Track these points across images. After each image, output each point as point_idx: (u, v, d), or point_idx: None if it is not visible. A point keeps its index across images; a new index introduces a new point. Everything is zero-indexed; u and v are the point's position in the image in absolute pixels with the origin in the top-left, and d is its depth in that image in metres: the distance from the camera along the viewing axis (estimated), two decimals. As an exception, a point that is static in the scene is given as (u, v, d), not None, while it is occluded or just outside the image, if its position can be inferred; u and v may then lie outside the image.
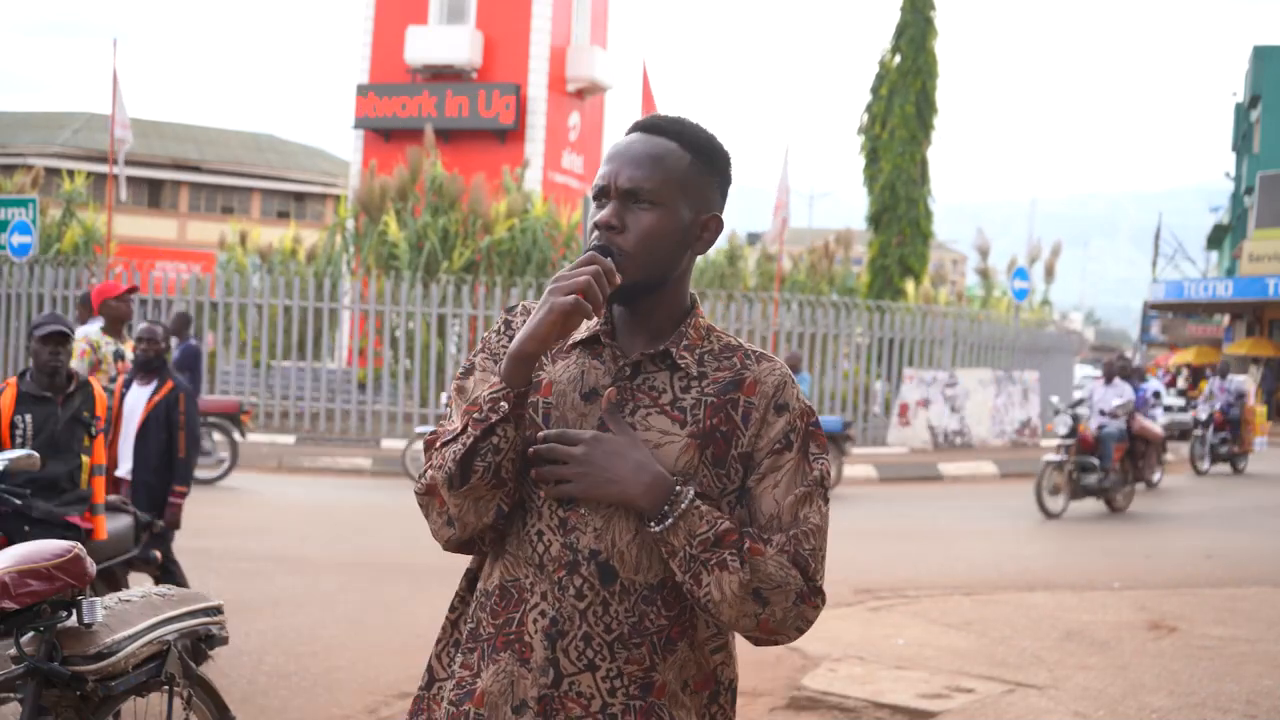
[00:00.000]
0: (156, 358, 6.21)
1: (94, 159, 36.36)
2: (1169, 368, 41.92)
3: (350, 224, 21.20)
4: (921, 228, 23.72)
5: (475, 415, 1.72)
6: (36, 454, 4.41)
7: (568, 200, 24.15)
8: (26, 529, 4.71)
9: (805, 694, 5.63)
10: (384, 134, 26.77)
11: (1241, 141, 46.51)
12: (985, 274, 28.28)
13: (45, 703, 3.07)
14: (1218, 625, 7.30)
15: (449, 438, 1.75)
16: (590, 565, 1.73)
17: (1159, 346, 51.75)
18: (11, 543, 3.87)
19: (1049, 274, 27.67)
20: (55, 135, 40.98)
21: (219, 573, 7.70)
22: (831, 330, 18.84)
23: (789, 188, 20.47)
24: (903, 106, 23.35)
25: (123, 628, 3.17)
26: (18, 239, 16.12)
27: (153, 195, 42.88)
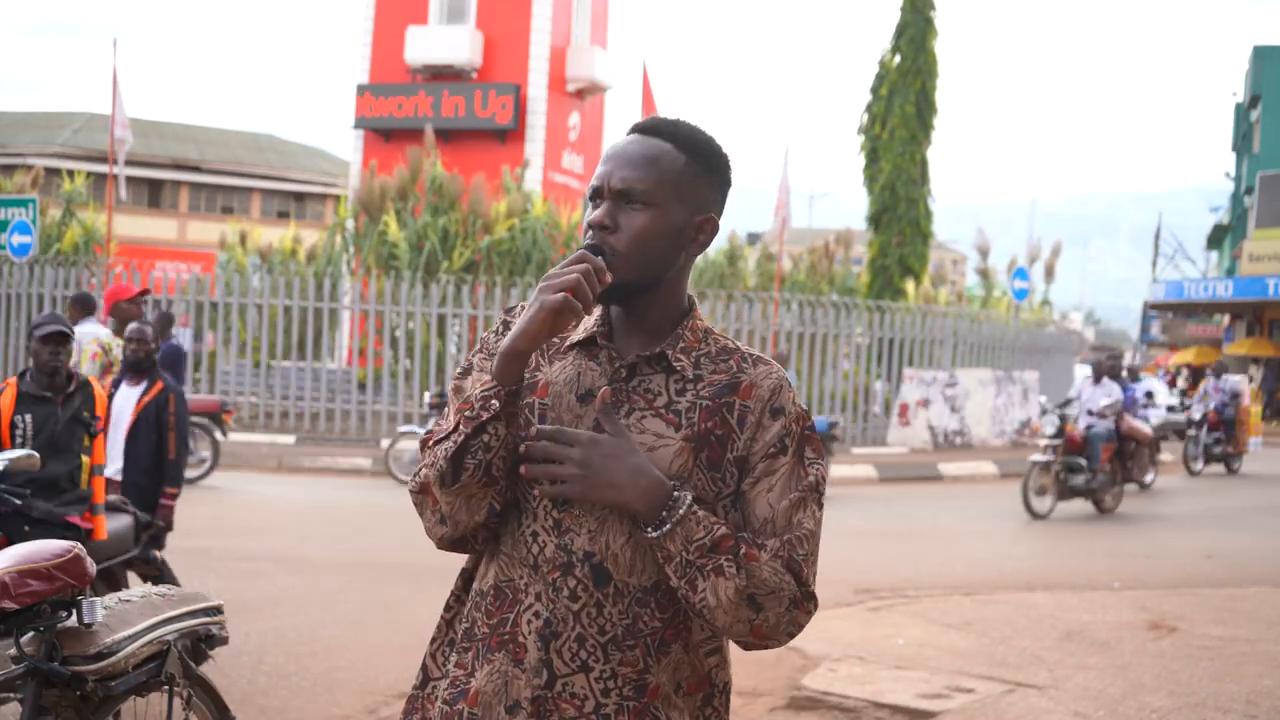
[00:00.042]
0: (146, 358, 6.21)
1: (94, 159, 36.37)
2: (1169, 368, 41.92)
3: (350, 224, 21.20)
4: (921, 228, 23.72)
5: (467, 413, 1.73)
6: (36, 454, 4.42)
7: (568, 200, 24.16)
8: (26, 529, 4.71)
9: (805, 694, 5.63)
10: (384, 134, 26.77)
11: (1241, 141, 46.52)
12: (985, 274, 28.29)
13: (45, 703, 3.07)
14: (1218, 625, 7.30)
15: (441, 435, 1.76)
16: (584, 567, 1.73)
17: (1159, 346, 51.75)
18: (11, 543, 3.87)
19: (1049, 274, 27.68)
20: (55, 135, 40.98)
21: (219, 573, 7.70)
22: (831, 330, 18.84)
23: (789, 188, 20.48)
24: (903, 106, 23.35)
25: (123, 628, 3.17)
26: (18, 239, 16.13)
27: (153, 195, 42.89)
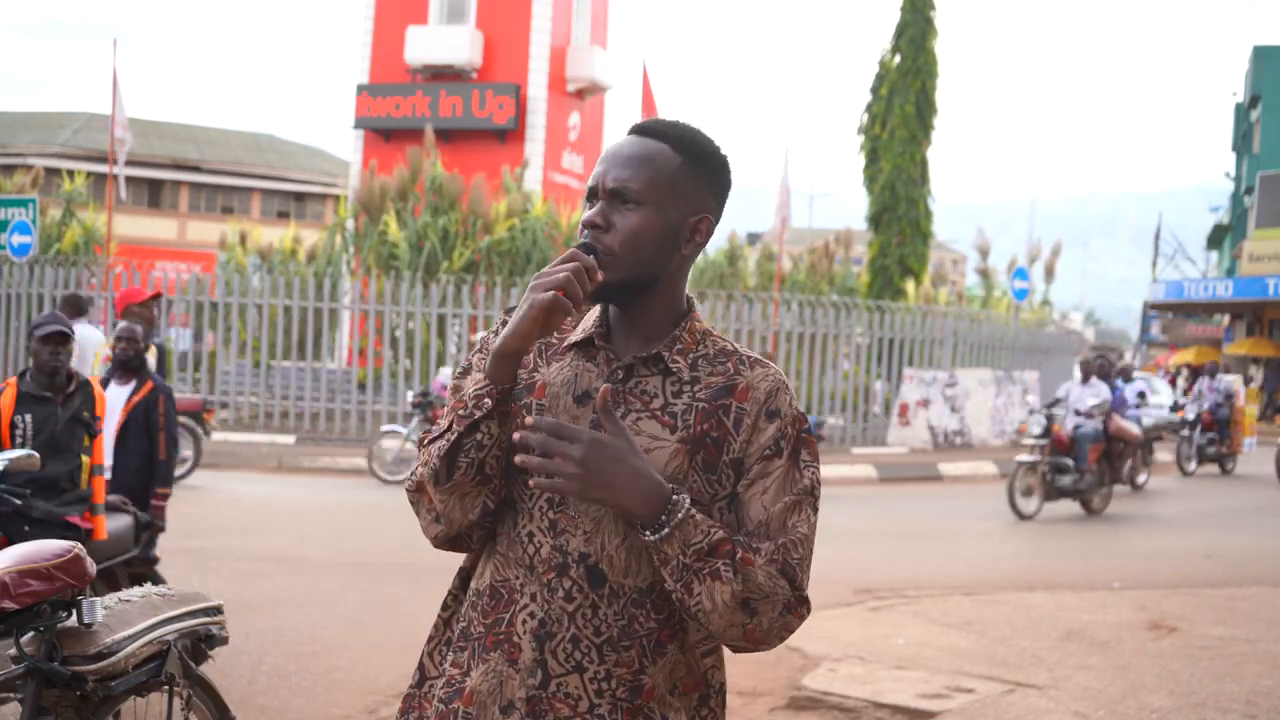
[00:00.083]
0: (136, 357, 6.20)
1: (94, 159, 36.37)
2: (1169, 368, 41.93)
3: (350, 224, 21.21)
4: (921, 228, 23.73)
5: (460, 412, 1.75)
6: (36, 454, 4.42)
7: (568, 200, 24.16)
8: (26, 529, 4.71)
9: (805, 694, 5.63)
10: (384, 134, 26.77)
11: (1241, 141, 46.52)
12: (985, 274, 28.28)
13: (45, 703, 3.07)
14: (1218, 625, 7.30)
15: (436, 435, 1.78)
16: (579, 568, 1.73)
17: (1159, 346, 51.77)
18: (11, 543, 3.87)
19: (1049, 274, 27.68)
20: (55, 135, 40.98)
21: (219, 573, 7.71)
22: (831, 330, 18.83)
23: (789, 188, 20.48)
24: (903, 106, 23.35)
25: (123, 628, 3.17)
26: (18, 239, 16.13)
27: (153, 195, 42.89)
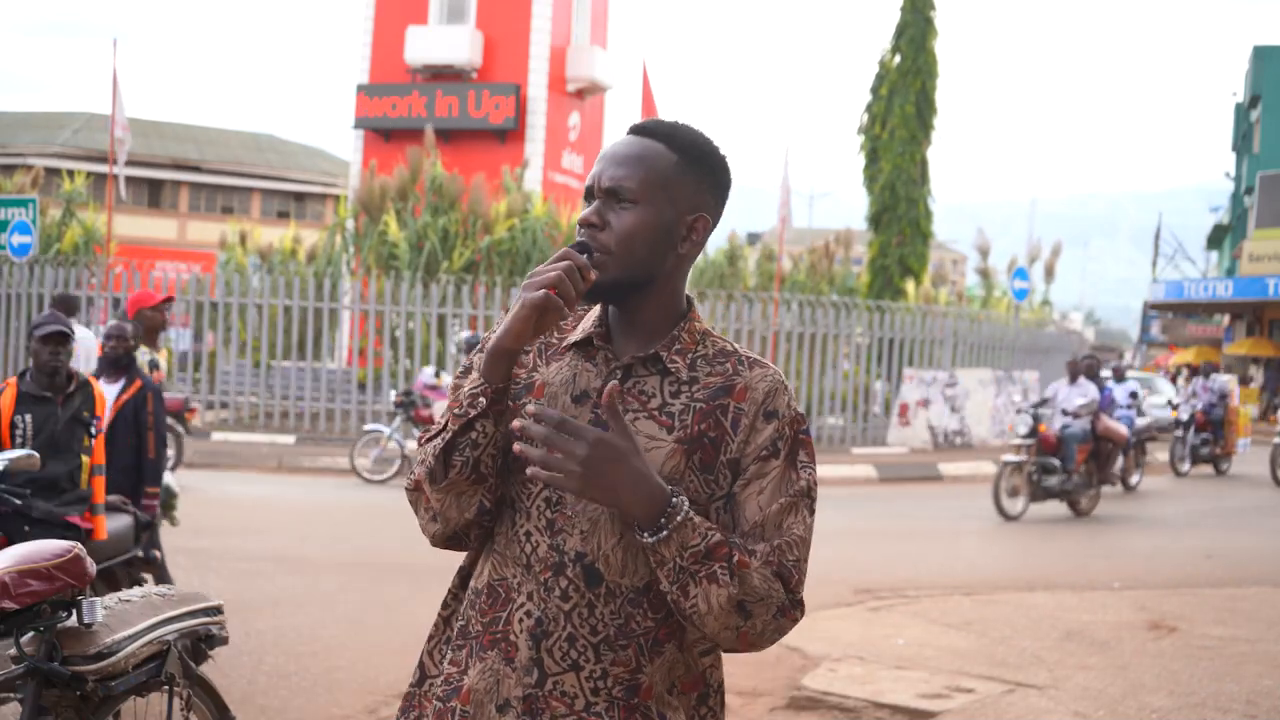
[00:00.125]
0: (125, 355, 6.20)
1: (94, 159, 36.36)
2: (1169, 368, 41.94)
3: (350, 224, 21.20)
4: (921, 228, 23.72)
5: (455, 411, 1.75)
6: (36, 454, 4.41)
7: (568, 200, 24.16)
8: (26, 529, 4.71)
9: (805, 694, 5.63)
10: (384, 134, 26.77)
11: (1241, 141, 46.53)
12: (985, 274, 28.27)
13: (45, 703, 3.07)
14: (1218, 625, 7.30)
15: (433, 434, 1.78)
16: (576, 567, 1.74)
17: (1159, 346, 51.78)
18: (11, 543, 3.87)
19: (1049, 274, 27.66)
20: (55, 135, 40.97)
21: (219, 573, 7.71)
22: (831, 330, 18.83)
23: (789, 188, 20.48)
24: (903, 106, 23.35)
25: (123, 628, 3.17)
26: (18, 239, 16.13)
27: (153, 195, 42.88)
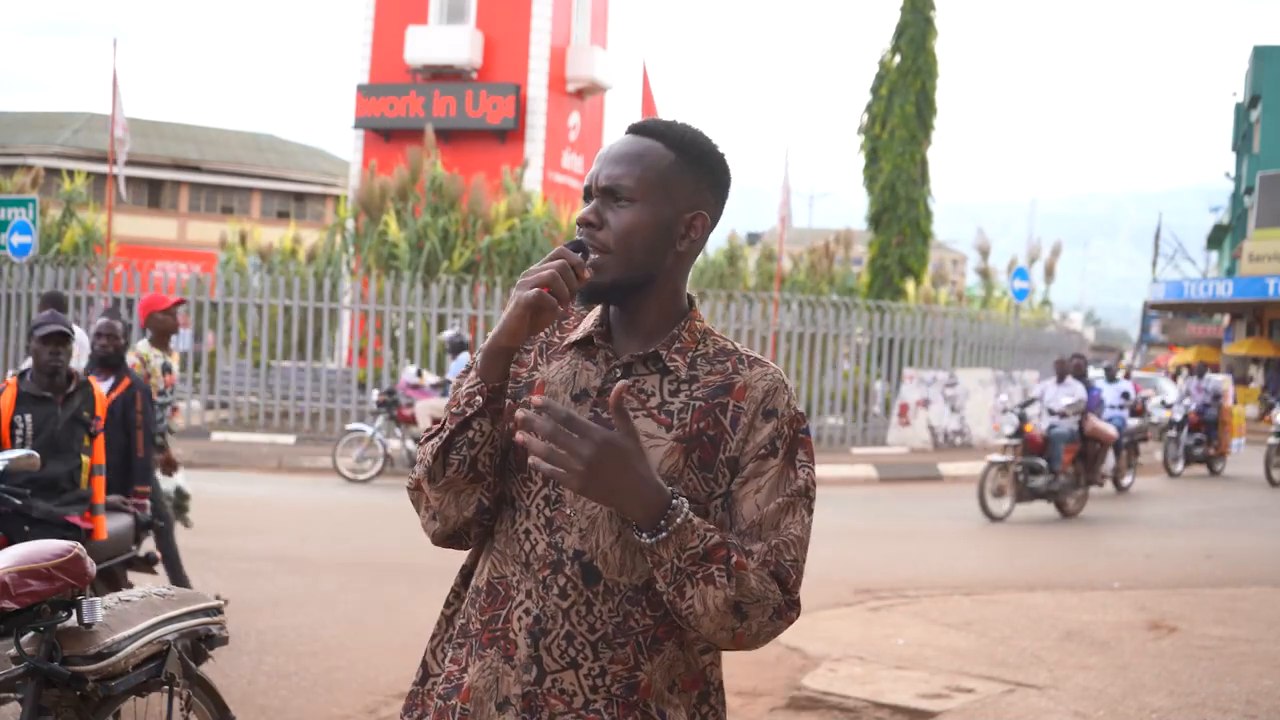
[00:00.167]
0: (115, 353, 6.19)
1: (94, 159, 36.36)
2: (1169, 368, 41.96)
3: (350, 224, 21.19)
4: (921, 228, 23.72)
5: (453, 410, 1.76)
6: (36, 454, 4.41)
7: (568, 200, 24.16)
8: (26, 529, 4.71)
9: (805, 694, 5.63)
10: (384, 134, 26.77)
11: (1241, 141, 46.53)
12: (985, 274, 28.27)
13: (45, 703, 3.07)
14: (1218, 625, 7.30)
15: (432, 432, 1.79)
16: (574, 565, 1.74)
17: (1159, 346, 51.78)
18: (11, 543, 3.87)
19: (1049, 274, 27.66)
20: (55, 135, 40.97)
21: (219, 573, 7.70)
22: (831, 330, 18.83)
23: (789, 188, 20.48)
24: (903, 106, 23.35)
25: (123, 628, 3.17)
26: (18, 239, 16.13)
27: (153, 195, 42.88)
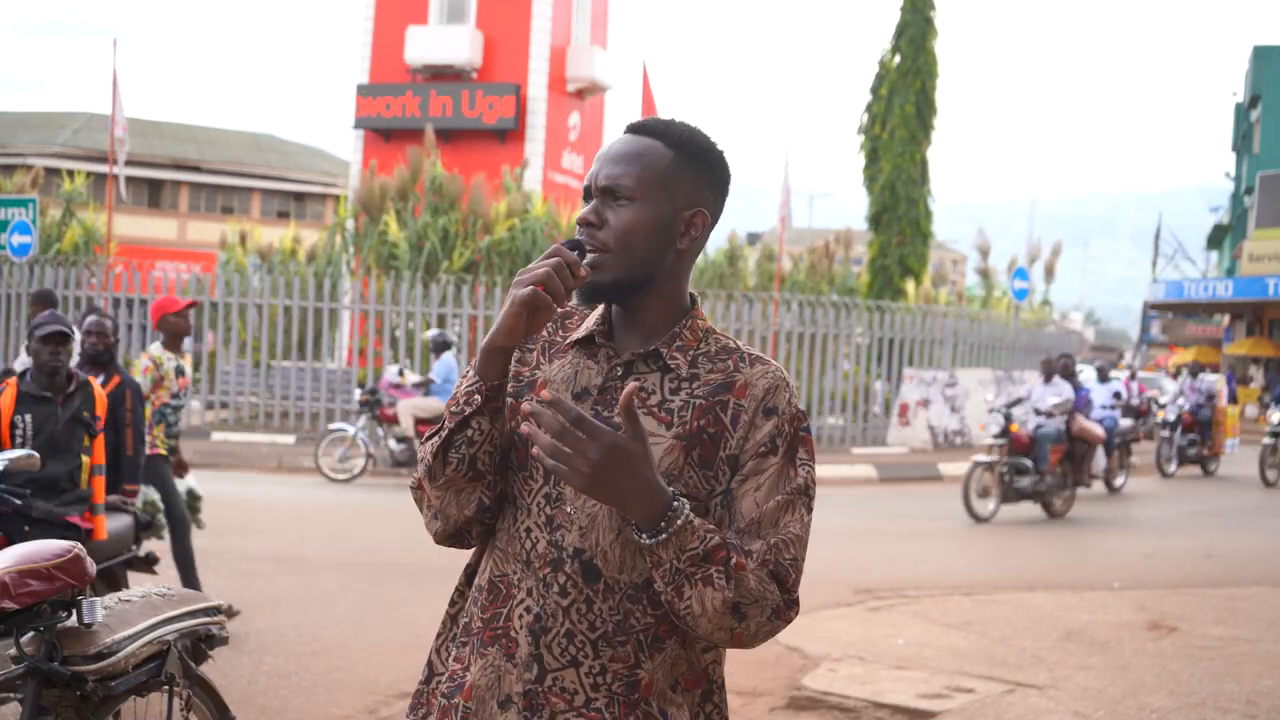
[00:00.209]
0: (105, 351, 6.18)
1: (94, 159, 36.36)
2: (1169, 368, 41.97)
3: (350, 224, 21.19)
4: (921, 228, 23.72)
5: (452, 408, 1.77)
6: (36, 454, 4.41)
7: (568, 200, 24.16)
8: (26, 529, 4.71)
9: (805, 694, 5.63)
10: (384, 134, 26.77)
11: (1241, 141, 46.53)
12: (985, 274, 28.27)
13: (45, 703, 3.06)
14: (1218, 625, 7.30)
15: (433, 432, 1.80)
16: (574, 563, 1.74)
17: (1159, 346, 51.79)
18: (11, 543, 3.87)
19: (1049, 274, 27.66)
20: (55, 135, 40.97)
21: (219, 573, 7.70)
22: (831, 330, 18.83)
23: (789, 188, 20.48)
24: (903, 106, 23.35)
25: (123, 628, 3.17)
26: (18, 239, 16.13)
27: (153, 195, 42.88)
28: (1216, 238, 53.04)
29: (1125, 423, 15.31)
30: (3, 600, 2.98)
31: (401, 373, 14.41)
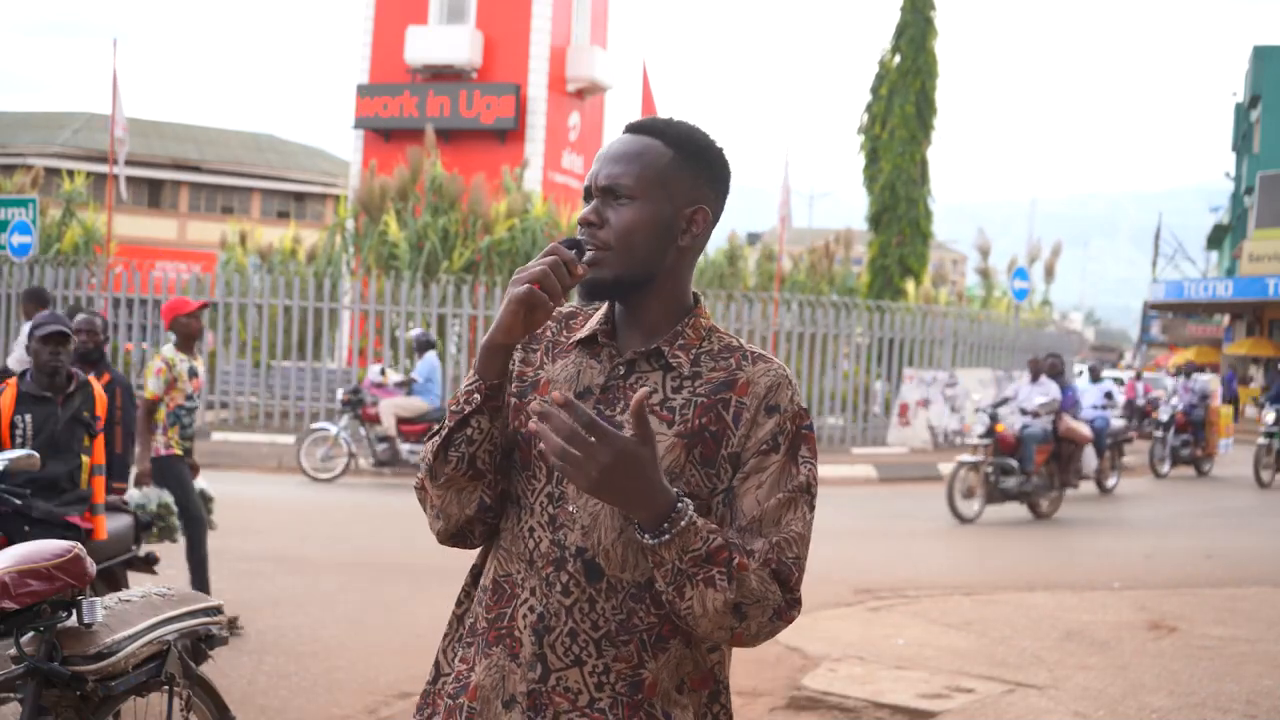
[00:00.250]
0: (95, 349, 6.18)
1: (94, 159, 36.36)
2: (1169, 368, 41.97)
3: (350, 224, 21.19)
4: (921, 228, 23.72)
5: (452, 408, 1.78)
6: (36, 454, 4.41)
7: (568, 200, 24.16)
8: (26, 529, 4.71)
9: (805, 694, 5.63)
10: (384, 134, 26.77)
11: (1241, 141, 46.53)
12: (985, 274, 28.26)
13: (45, 703, 3.06)
14: (1218, 625, 7.30)
15: (434, 431, 1.81)
16: (576, 562, 1.74)
17: (1159, 346, 51.80)
18: (11, 543, 3.87)
19: (1049, 274, 27.65)
20: (55, 135, 40.97)
21: (219, 573, 7.69)
22: (831, 330, 18.84)
23: (789, 188, 20.48)
24: (903, 106, 23.34)
25: (123, 628, 3.16)
26: (18, 239, 16.13)
27: (153, 195, 42.88)
28: (1216, 238, 53.04)
29: (1117, 423, 15.23)
30: (3, 600, 2.98)
31: (383, 372, 14.39)
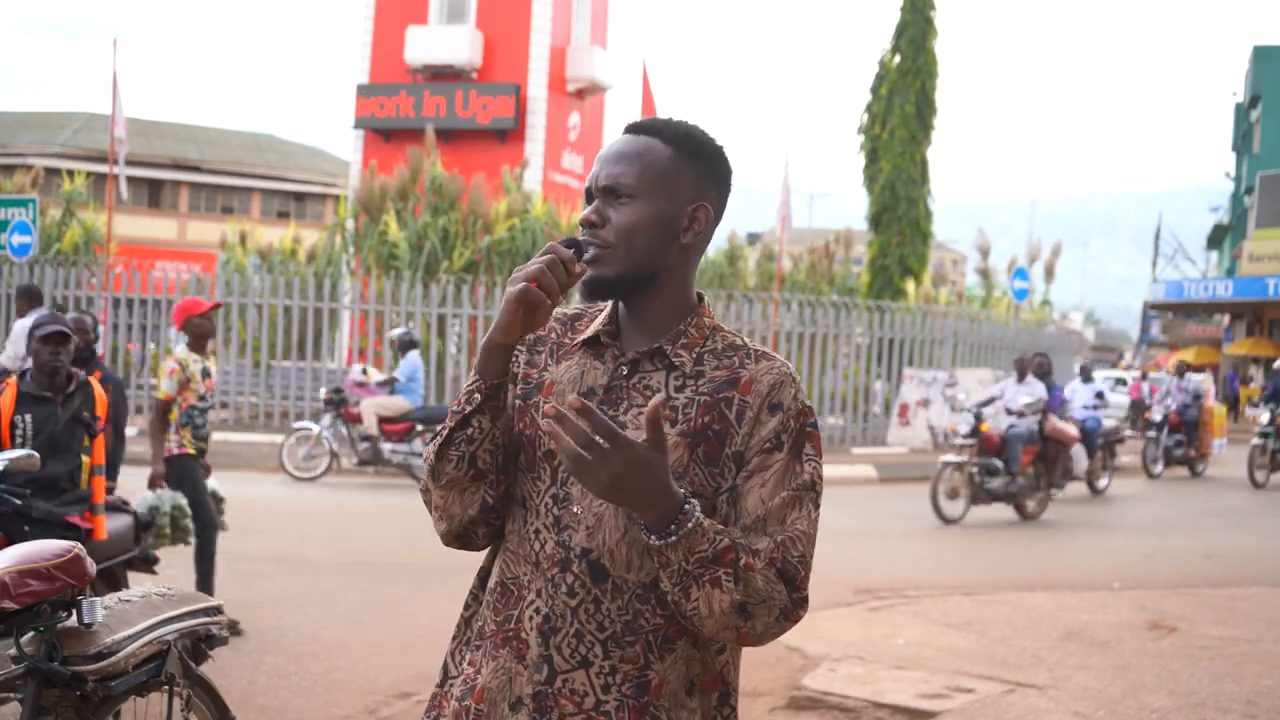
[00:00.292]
0: (86, 348, 6.18)
1: (94, 159, 36.35)
2: (1169, 368, 41.95)
3: (350, 224, 21.20)
4: (921, 228, 23.73)
5: (453, 408, 1.78)
6: (36, 454, 4.41)
7: (568, 200, 24.16)
8: (26, 529, 4.71)
9: (805, 694, 5.63)
10: (384, 134, 26.77)
11: (1241, 141, 46.53)
12: (985, 274, 28.27)
13: (45, 703, 3.06)
14: (1218, 625, 7.30)
15: (436, 431, 1.81)
16: (581, 563, 1.74)
17: (1159, 346, 51.78)
18: (11, 543, 3.87)
19: (1049, 274, 27.66)
20: (55, 135, 40.96)
21: (219, 573, 7.69)
22: (831, 330, 18.84)
23: (789, 188, 20.49)
24: (903, 106, 23.35)
25: (123, 628, 3.16)
26: (18, 239, 16.12)
27: (153, 195, 42.87)
28: (1216, 238, 53.03)
29: (1109, 423, 15.14)
30: (3, 600, 2.98)
31: (365, 371, 14.37)
